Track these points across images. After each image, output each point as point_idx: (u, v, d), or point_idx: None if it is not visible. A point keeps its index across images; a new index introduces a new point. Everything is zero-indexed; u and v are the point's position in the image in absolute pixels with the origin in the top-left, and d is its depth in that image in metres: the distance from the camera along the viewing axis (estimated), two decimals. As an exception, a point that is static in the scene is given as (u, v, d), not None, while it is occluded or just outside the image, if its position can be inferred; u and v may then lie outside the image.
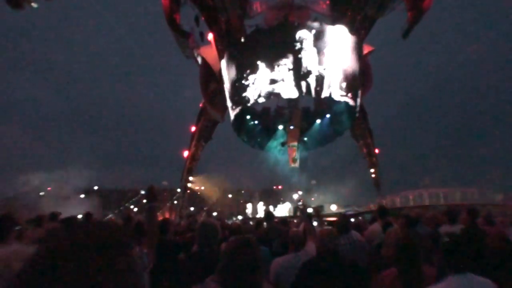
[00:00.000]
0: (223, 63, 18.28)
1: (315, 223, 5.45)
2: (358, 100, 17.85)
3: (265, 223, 6.32)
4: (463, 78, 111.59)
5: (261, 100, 16.64)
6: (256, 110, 21.39)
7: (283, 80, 16.02)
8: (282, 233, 5.17)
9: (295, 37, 16.14)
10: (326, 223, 6.81)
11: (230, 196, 65.57)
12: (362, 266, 3.42)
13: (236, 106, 17.67)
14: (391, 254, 3.01)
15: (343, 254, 3.64)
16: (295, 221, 8.47)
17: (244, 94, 16.86)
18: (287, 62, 16.06)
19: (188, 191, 29.03)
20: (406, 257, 2.59)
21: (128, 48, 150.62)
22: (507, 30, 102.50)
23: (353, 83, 17.02)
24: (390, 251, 3.24)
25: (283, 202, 28.74)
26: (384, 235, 4.32)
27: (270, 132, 23.50)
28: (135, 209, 56.03)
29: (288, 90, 16.18)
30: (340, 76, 16.40)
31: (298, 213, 19.87)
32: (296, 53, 16.09)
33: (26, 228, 5.19)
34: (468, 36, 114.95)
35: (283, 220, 6.93)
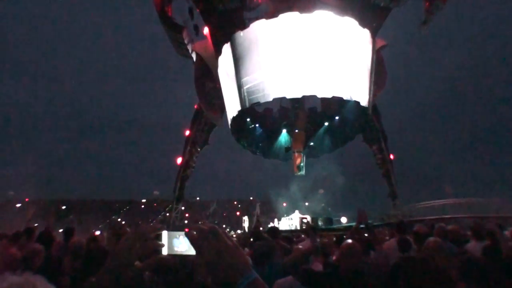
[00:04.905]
0: (221, 60, 18.26)
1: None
2: (371, 100, 17.78)
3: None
4: (486, 79, 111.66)
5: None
6: (256, 112, 21.32)
7: (287, 78, 16.00)
8: (287, 250, 5.09)
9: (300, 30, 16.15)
10: (334, 238, 6.70)
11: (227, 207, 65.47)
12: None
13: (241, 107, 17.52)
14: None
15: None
16: (302, 236, 8.36)
17: (249, 95, 16.81)
18: (291, 59, 16.05)
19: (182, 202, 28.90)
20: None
21: (118, 49, 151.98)
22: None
23: (364, 81, 16.97)
24: None
25: (287, 214, 28.61)
26: (401, 254, 4.23)
27: (272, 136, 23.41)
28: (123, 222, 55.88)
29: (293, 89, 16.16)
30: (351, 74, 16.36)
31: (304, 227, 19.76)
32: (301, 48, 16.08)
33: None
34: (486, 38, 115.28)
35: (286, 237, 6.80)
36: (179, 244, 0.96)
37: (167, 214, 42.69)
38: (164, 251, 0.96)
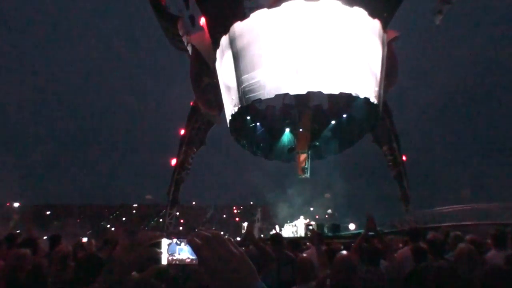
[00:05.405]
0: (219, 53, 18.26)
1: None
2: (381, 96, 17.76)
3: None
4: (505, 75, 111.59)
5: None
6: (257, 109, 21.32)
7: (290, 73, 15.99)
8: (292, 259, 5.10)
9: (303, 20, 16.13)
10: (342, 246, 6.70)
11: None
12: None
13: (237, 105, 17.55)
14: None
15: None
16: (308, 244, 8.40)
17: (247, 93, 16.81)
18: (295, 52, 16.03)
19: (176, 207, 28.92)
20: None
21: (110, 49, 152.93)
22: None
23: (374, 76, 16.95)
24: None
25: (291, 220, 28.63)
26: (415, 264, 4.22)
27: (274, 136, 23.40)
28: (112, 228, 55.97)
29: (297, 85, 16.14)
30: (360, 68, 16.34)
31: (309, 234, 19.74)
32: (306, 40, 16.06)
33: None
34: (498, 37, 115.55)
35: (292, 241, 6.80)
36: (180, 252, 0.96)
37: (161, 220, 42.76)
38: (164, 260, 0.95)
